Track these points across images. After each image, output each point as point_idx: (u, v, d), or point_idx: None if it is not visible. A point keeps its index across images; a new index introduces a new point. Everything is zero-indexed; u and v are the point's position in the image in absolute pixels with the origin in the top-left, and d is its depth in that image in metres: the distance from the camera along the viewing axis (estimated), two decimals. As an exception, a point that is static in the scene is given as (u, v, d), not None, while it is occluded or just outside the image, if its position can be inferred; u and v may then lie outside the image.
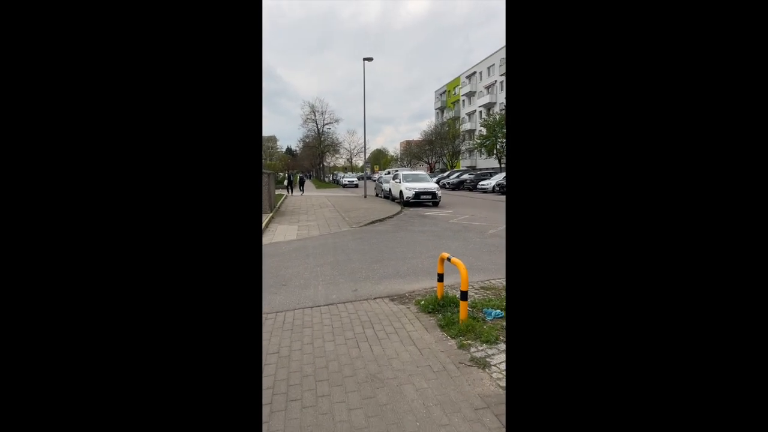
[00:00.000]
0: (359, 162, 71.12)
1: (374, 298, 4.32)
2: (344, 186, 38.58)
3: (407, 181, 16.21)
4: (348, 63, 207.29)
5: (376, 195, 21.48)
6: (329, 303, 4.20)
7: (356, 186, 36.70)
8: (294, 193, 25.18)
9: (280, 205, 15.94)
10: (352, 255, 6.66)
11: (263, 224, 10.05)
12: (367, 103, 21.37)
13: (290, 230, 9.61)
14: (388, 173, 22.48)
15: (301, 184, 28.56)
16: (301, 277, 5.30)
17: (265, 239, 8.41)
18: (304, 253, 6.87)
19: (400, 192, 15.93)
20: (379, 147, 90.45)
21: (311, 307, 4.06)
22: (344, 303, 4.18)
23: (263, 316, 3.84)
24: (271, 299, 4.35)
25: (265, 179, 12.24)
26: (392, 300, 4.26)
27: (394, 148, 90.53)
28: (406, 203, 15.42)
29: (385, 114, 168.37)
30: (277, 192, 23.70)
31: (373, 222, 10.90)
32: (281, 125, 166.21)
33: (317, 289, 4.74)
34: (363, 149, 34.92)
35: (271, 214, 11.88)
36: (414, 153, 55.94)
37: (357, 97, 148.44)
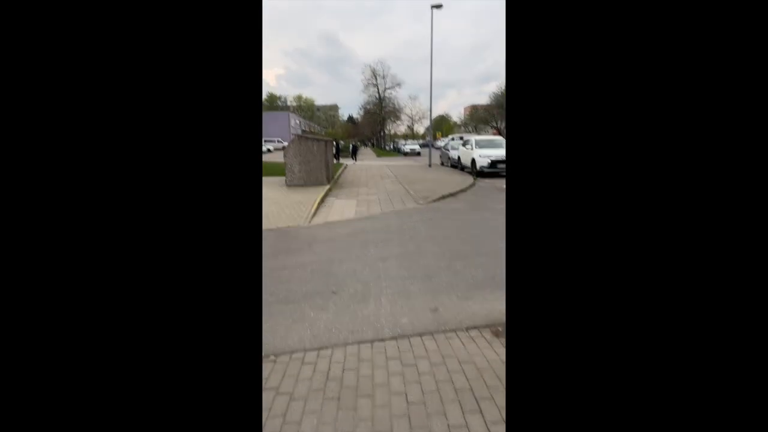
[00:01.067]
0: (420, 129, 68.53)
1: (467, 329, 2.83)
2: (406, 154, 36.73)
3: (481, 148, 14.14)
4: (409, 24, 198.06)
5: (441, 164, 19.61)
6: (399, 335, 2.79)
7: (418, 154, 34.71)
8: (348, 162, 24.34)
9: (339, 175, 14.86)
10: (423, 244, 5.19)
11: (320, 197, 8.94)
12: (429, 67, 19.18)
13: (348, 206, 8.36)
14: (453, 139, 20.35)
15: (354, 152, 27.58)
16: (358, 278, 3.95)
17: (320, 217, 7.24)
18: (362, 239, 5.53)
19: (473, 160, 13.97)
20: (441, 113, 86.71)
21: (371, 342, 2.67)
22: (421, 336, 2.74)
23: (302, 353, 2.54)
24: (315, 319, 3.06)
25: (322, 147, 11.06)
26: (496, 334, 2.73)
27: (458, 114, 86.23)
28: (480, 173, 13.48)
29: (449, 77, 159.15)
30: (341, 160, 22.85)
31: (443, 197, 9.29)
32: (343, 93, 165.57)
33: (380, 303, 3.34)
34: (428, 112, 32.56)
35: (328, 186, 10.77)
36: (480, 117, 52.09)
37: (419, 60, 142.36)
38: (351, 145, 29.19)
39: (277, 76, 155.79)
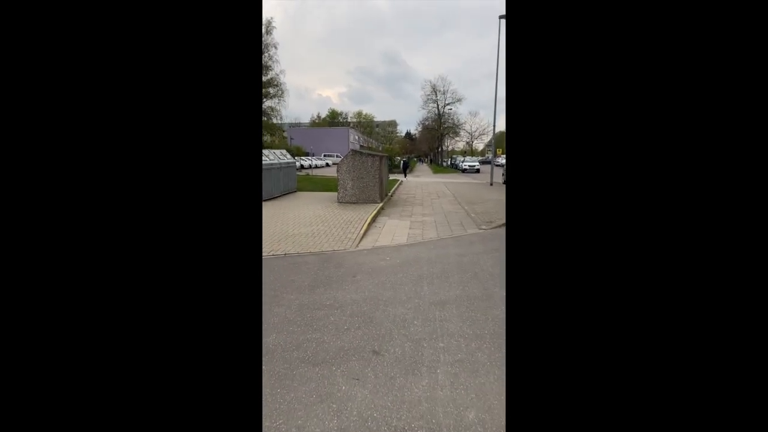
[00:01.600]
0: (479, 145, 66.50)
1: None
2: (464, 171, 35.29)
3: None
4: (471, 41, 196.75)
5: (504, 182, 18.20)
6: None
7: (477, 171, 33.21)
8: (401, 178, 23.65)
9: (393, 192, 14.20)
10: (490, 286, 4.21)
11: (371, 217, 8.27)
12: (491, 83, 18.23)
13: (400, 228, 7.58)
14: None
15: (404, 168, 26.77)
16: (408, 333, 3.09)
17: (369, 240, 6.53)
18: (415, 273, 4.68)
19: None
20: (501, 129, 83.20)
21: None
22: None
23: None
24: (347, 397, 2.25)
25: (376, 163, 10.48)
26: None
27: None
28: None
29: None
30: (392, 177, 22.33)
31: (509, 222, 8.17)
32: (402, 109, 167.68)
33: (435, 378, 2.45)
34: (489, 128, 31.36)
35: (380, 205, 10.11)
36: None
37: (480, 77, 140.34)
38: (402, 161, 28.40)
39: (339, 94, 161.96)
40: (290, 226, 7.34)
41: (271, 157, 11.67)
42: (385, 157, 12.57)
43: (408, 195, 13.86)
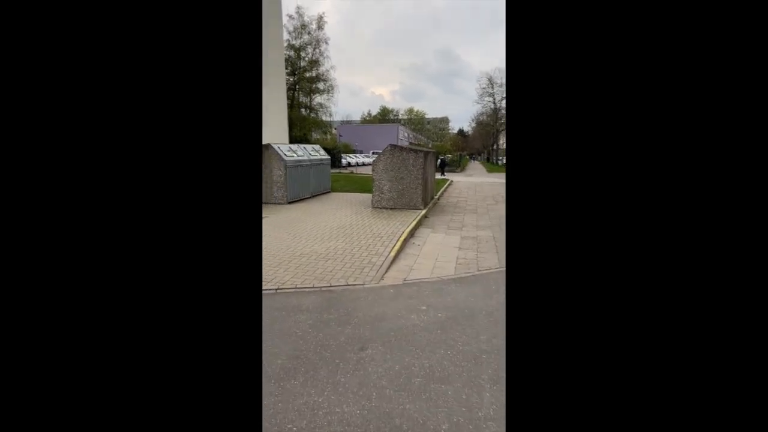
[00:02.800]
0: (539, 143, 61.41)
1: None
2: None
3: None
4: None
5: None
6: None
7: (538, 171, 29.83)
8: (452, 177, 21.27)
9: (441, 195, 12.18)
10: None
11: (408, 229, 6.41)
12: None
13: (446, 248, 5.62)
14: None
15: (442, 167, 23.84)
16: None
17: (401, 266, 4.68)
18: (469, 349, 2.74)
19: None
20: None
21: None
22: None
23: None
24: None
25: (420, 161, 8.57)
26: None
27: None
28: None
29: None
30: (440, 177, 20.23)
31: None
32: (455, 106, 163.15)
33: None
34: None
35: (423, 212, 8.20)
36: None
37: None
38: (439, 159, 25.43)
39: (391, 92, 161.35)
40: (303, 241, 5.68)
41: (299, 152, 10.18)
42: (432, 153, 10.53)
43: (459, 198, 11.78)
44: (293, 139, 28.89)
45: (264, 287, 3.84)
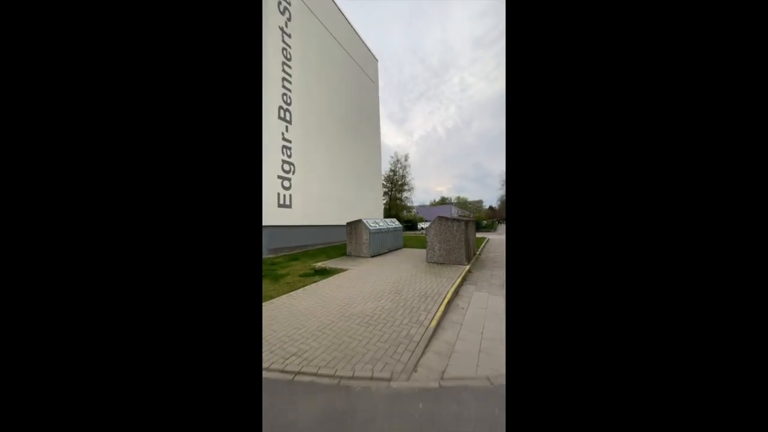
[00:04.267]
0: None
1: None
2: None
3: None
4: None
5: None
6: None
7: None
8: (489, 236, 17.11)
9: (482, 251, 9.15)
10: None
11: (452, 289, 4.02)
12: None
13: (491, 313, 3.10)
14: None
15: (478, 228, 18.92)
16: None
17: (442, 341, 2.38)
18: None
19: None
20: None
21: None
22: None
23: None
24: None
25: (462, 227, 6.21)
26: None
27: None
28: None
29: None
30: (480, 235, 16.57)
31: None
32: (486, 193, 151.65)
33: None
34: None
35: (467, 267, 5.61)
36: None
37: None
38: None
39: (447, 189, 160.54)
40: (359, 299, 3.74)
41: (380, 223, 8.72)
42: (472, 221, 7.95)
43: (495, 253, 8.60)
44: (390, 215, 28.52)
45: (286, 366, 1.99)
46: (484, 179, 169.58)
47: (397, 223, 10.04)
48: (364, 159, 14.59)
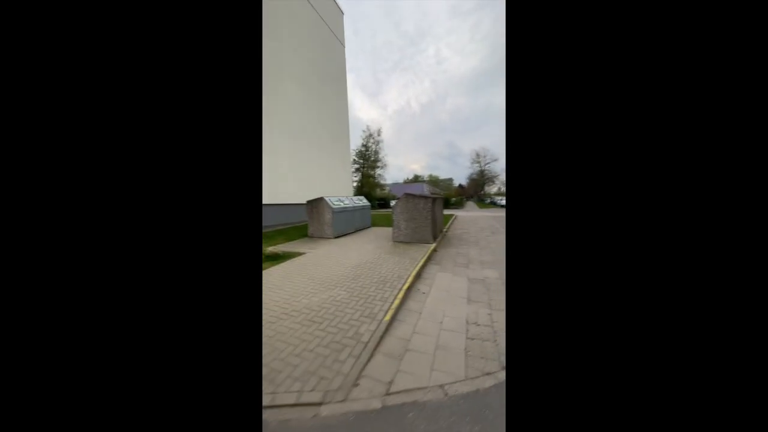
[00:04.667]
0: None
1: None
2: (502, 206, 27.52)
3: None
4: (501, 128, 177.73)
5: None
6: None
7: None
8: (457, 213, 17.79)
9: (449, 228, 9.21)
10: None
11: (419, 265, 3.75)
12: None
13: (453, 298, 2.87)
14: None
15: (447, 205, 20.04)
16: None
17: (391, 348, 2.07)
18: None
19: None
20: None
21: None
22: None
23: None
24: None
25: (429, 205, 5.92)
26: None
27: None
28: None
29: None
30: (446, 212, 16.99)
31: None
32: (456, 171, 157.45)
33: None
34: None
35: (433, 246, 5.44)
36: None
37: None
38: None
39: (421, 166, 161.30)
40: (308, 289, 3.22)
41: (346, 201, 8.06)
42: (440, 198, 7.73)
43: (462, 230, 8.71)
44: (363, 193, 27.62)
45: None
46: (456, 158, 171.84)
47: (364, 200, 9.46)
48: (330, 130, 13.18)
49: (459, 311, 2.53)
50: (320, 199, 7.12)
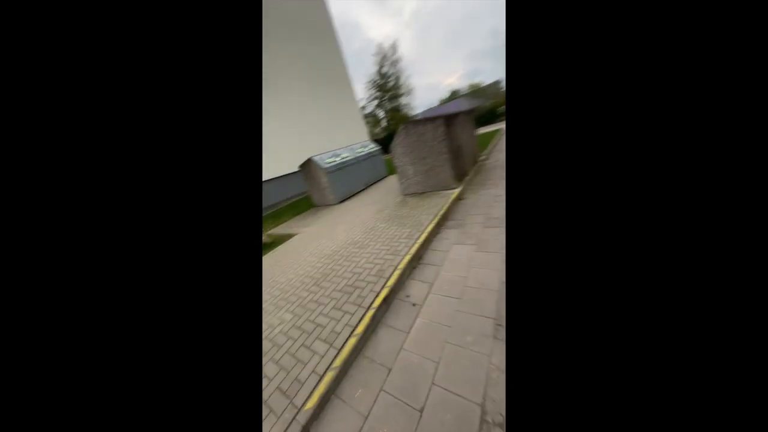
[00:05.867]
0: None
1: None
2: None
3: None
4: None
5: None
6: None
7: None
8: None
9: (492, 151, 6.67)
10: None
11: (418, 243, 2.34)
12: None
13: (471, 306, 1.39)
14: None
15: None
16: None
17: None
18: None
19: None
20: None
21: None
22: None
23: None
24: None
25: (441, 132, 3.79)
26: None
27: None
28: None
29: None
30: (483, 131, 13.17)
31: None
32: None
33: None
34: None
35: (456, 192, 3.66)
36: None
37: None
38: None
39: (458, 77, 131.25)
40: (291, 275, 2.34)
41: (344, 154, 6.45)
42: (464, 113, 5.16)
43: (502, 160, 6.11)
44: (391, 131, 24.21)
45: None
46: (503, 48, 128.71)
47: (371, 146, 7.57)
48: (328, 78, 10.56)
49: (475, 362, 1.13)
50: (309, 162, 5.79)
